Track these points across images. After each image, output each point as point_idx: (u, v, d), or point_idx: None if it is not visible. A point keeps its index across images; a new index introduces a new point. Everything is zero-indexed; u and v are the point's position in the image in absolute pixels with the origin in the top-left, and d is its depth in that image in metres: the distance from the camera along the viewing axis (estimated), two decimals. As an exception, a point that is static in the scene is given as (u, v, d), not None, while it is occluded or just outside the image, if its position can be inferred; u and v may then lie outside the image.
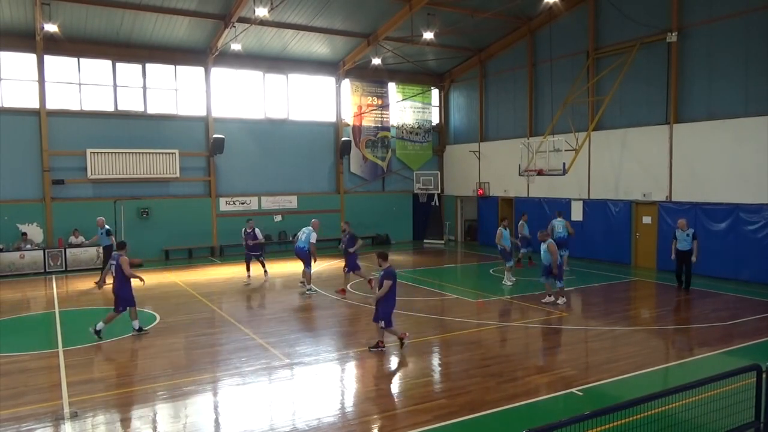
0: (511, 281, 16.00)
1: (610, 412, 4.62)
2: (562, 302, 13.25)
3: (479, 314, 12.80)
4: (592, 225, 20.44)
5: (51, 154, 19.84)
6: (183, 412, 7.60)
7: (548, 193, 21.96)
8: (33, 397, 8.00)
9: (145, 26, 19.64)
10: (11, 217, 19.24)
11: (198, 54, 21.81)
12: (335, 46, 23.30)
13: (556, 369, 8.96)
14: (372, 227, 25.93)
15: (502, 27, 23.01)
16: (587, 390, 8.03)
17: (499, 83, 24.85)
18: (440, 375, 9.06)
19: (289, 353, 9.87)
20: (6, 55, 19.25)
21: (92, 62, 20.55)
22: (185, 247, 22.00)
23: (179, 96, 22.12)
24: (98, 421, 7.22)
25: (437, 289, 15.80)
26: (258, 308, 14.16)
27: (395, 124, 26.72)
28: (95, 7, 18.11)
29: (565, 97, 20.32)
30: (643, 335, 10.98)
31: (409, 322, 12.04)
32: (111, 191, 20.82)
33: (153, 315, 12.73)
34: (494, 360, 9.45)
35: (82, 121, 20.42)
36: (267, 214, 23.78)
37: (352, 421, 7.21)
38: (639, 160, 18.94)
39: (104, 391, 8.23)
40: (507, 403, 7.58)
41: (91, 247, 19.56)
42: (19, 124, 19.46)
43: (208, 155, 22.53)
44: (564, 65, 21.53)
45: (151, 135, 21.41)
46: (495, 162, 24.61)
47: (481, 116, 25.70)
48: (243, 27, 19.42)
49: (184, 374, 8.90)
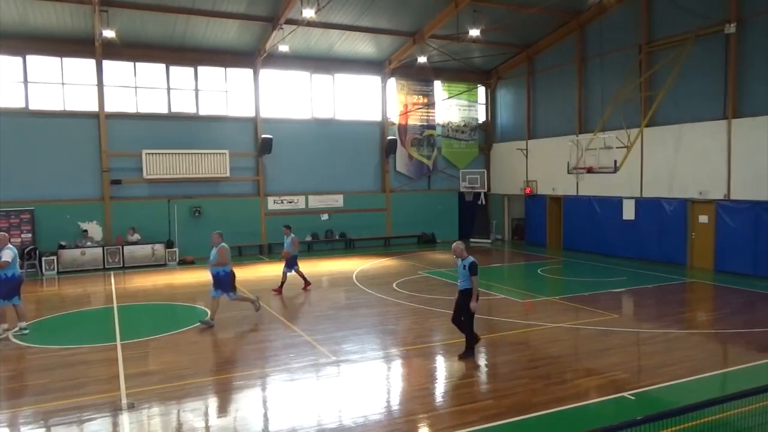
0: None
1: (665, 418, 4.48)
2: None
3: (527, 314, 12.62)
4: (644, 224, 19.81)
5: (109, 155, 20.68)
6: (233, 406, 7.81)
7: (598, 191, 21.42)
8: (93, 387, 8.37)
9: (196, 30, 20.22)
10: (73, 215, 20.17)
11: (247, 56, 22.29)
12: (381, 45, 23.38)
13: (606, 372, 8.74)
14: (418, 226, 25.91)
15: (550, 22, 22.57)
16: (639, 394, 7.81)
17: (547, 80, 24.39)
18: (487, 376, 8.99)
19: (336, 351, 9.99)
20: (68, 61, 20.17)
21: (147, 66, 21.30)
22: (235, 245, 22.35)
23: (229, 97, 22.68)
24: (153, 413, 7.50)
25: (484, 289, 15.59)
26: (305, 306, 14.37)
27: (441, 123, 26.60)
28: (150, 13, 18.75)
29: (615, 92, 19.77)
30: (699, 339, 10.59)
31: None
32: (165, 191, 21.55)
33: (205, 311, 13.09)
34: (542, 361, 9.31)
35: (138, 123, 21.21)
36: (314, 213, 24.10)
37: (398, 419, 7.24)
38: (695, 156, 18.24)
39: (159, 383, 8.53)
40: (555, 405, 7.45)
41: (146, 245, 20.36)
42: (80, 126, 20.37)
43: (257, 155, 23.01)
44: (615, 60, 20.94)
45: (203, 136, 22.04)
46: (543, 160, 24.18)
47: (529, 113, 25.29)
48: (290, 28, 19.72)
49: (234, 369, 9.14)
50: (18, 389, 8.38)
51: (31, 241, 19.28)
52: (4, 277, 10.93)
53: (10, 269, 11.00)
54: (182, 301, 14.54)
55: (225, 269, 11.94)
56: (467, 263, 9.39)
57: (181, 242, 21.36)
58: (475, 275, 9.28)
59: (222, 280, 11.89)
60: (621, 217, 20.54)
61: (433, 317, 12.32)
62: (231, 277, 12.04)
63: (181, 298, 14.94)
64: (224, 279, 11.91)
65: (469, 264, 9.36)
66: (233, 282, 12.09)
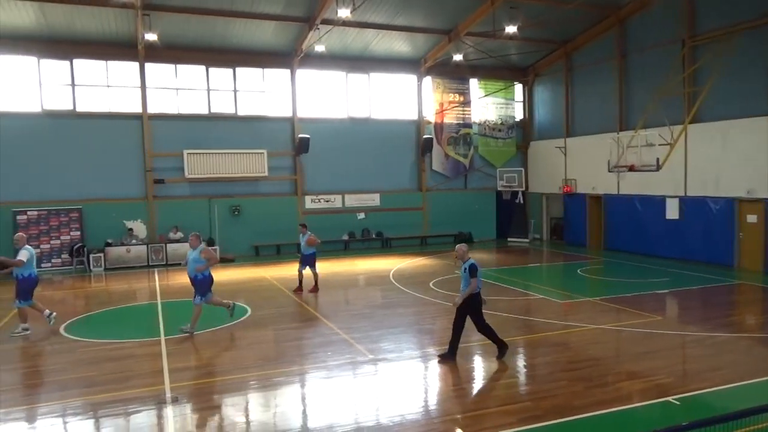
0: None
1: (713, 424, 4.33)
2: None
3: (566, 315, 12.43)
4: (689, 224, 19.24)
5: (153, 156, 21.25)
6: (273, 402, 7.94)
7: (640, 190, 20.91)
8: (138, 381, 8.62)
9: (235, 31, 20.57)
10: (118, 214, 20.80)
11: (284, 56, 22.57)
12: (416, 44, 23.34)
13: (649, 375, 8.52)
14: (454, 225, 25.77)
15: (588, 17, 22.12)
16: (685, 399, 7.59)
17: (586, 76, 23.92)
18: (525, 377, 8.89)
19: (373, 349, 10.03)
20: (112, 64, 20.81)
21: (188, 68, 21.79)
22: (274, 244, 22.85)
23: (267, 98, 23.00)
24: (196, 407, 7.68)
25: (522, 289, 15.48)
26: (342, 304, 14.47)
27: (477, 121, 26.39)
28: (190, 16, 19.17)
29: (657, 89, 19.24)
30: (748, 342, 10.24)
31: (493, 321, 11.86)
32: (206, 190, 22.02)
33: (245, 308, 13.33)
34: (582, 363, 9.15)
35: (179, 124, 21.71)
36: (350, 212, 24.24)
37: (435, 419, 7.23)
38: (742, 154, 17.60)
39: (201, 378, 8.74)
40: (596, 409, 7.31)
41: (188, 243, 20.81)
42: (125, 127, 20.99)
43: (294, 154, 23.27)
44: (656, 55, 20.38)
45: (241, 136, 22.41)
46: (582, 158, 23.72)
47: (567, 111, 24.85)
48: (326, 28, 19.87)
49: (273, 365, 9.28)
50: (68, 381, 8.70)
51: (79, 239, 19.99)
52: (21, 276, 11.18)
53: (27, 269, 11.20)
54: (223, 298, 14.79)
55: (204, 273, 11.08)
56: (467, 266, 9.22)
57: (221, 240, 21.79)
58: (474, 277, 9.10)
59: (199, 284, 11.09)
60: (664, 217, 20.01)
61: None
62: (210, 281, 11.29)
63: (222, 295, 15.13)
64: (201, 282, 11.10)
65: (469, 266, 9.19)
66: (211, 285, 11.38)
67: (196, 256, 10.99)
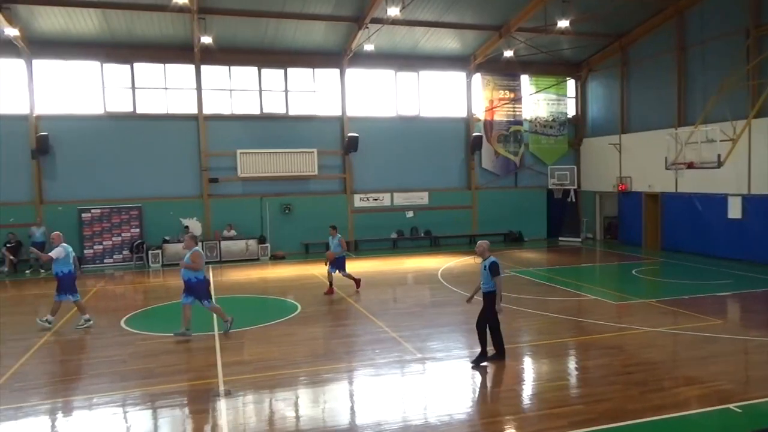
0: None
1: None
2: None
3: (620, 317, 12.07)
4: (753, 223, 18.34)
5: (208, 155, 21.90)
6: (322, 398, 8.06)
7: (700, 188, 20.06)
8: (193, 374, 8.93)
9: (286, 33, 20.94)
10: (176, 212, 21.55)
11: (334, 56, 22.80)
12: (466, 41, 23.13)
13: (709, 381, 8.18)
14: (504, 224, 25.44)
15: (645, 9, 21.37)
16: (747, 407, 7.23)
17: (642, 70, 23.12)
18: (577, 379, 8.70)
19: (421, 348, 10.03)
20: (170, 67, 21.56)
21: (241, 69, 22.34)
22: (323, 242, 23.00)
23: (317, 97, 23.31)
24: (248, 400, 7.88)
25: (574, 290, 15.13)
26: (391, 302, 14.53)
27: (528, 118, 25.93)
28: (243, 18, 19.67)
29: (719, 82, 18.39)
30: (817, 349, 9.69)
31: (544, 322, 11.69)
32: (258, 189, 22.52)
33: (295, 305, 13.57)
34: (637, 367, 8.86)
35: (233, 124, 22.29)
36: (399, 210, 24.29)
37: (484, 419, 7.17)
38: (814, 149, 16.65)
39: (253, 372, 8.95)
40: (652, 414, 7.07)
41: (240, 240, 21.38)
42: (182, 128, 21.72)
43: (343, 153, 23.50)
44: (718, 47, 19.50)
45: (292, 135, 22.80)
46: (638, 155, 22.96)
47: (623, 106, 24.09)
48: (375, 27, 19.95)
49: (322, 362, 9.42)
50: (127, 372, 9.09)
51: (139, 236, 20.83)
52: (61, 273, 11.67)
53: (66, 266, 11.68)
54: (274, 295, 15.18)
55: (198, 276, 10.81)
56: (488, 263, 9.06)
57: (273, 238, 22.25)
58: (497, 275, 8.94)
59: (194, 288, 10.81)
60: (726, 216, 19.15)
61: (520, 317, 12.07)
62: (205, 284, 11.08)
63: (273, 292, 15.59)
64: (196, 286, 10.82)
65: (489, 264, 9.04)
66: (208, 288, 11.23)
67: (188, 259, 10.86)
